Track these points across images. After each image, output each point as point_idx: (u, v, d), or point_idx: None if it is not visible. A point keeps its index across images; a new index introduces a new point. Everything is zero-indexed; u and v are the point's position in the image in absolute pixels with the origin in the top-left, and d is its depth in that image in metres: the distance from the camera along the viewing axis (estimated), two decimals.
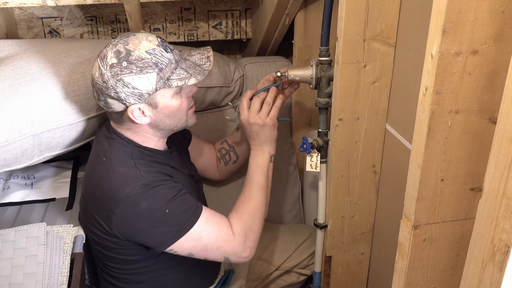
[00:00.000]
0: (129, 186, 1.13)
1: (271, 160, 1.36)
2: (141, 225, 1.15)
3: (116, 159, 1.18)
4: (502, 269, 0.67)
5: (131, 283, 1.29)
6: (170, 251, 1.18)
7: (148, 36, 1.14)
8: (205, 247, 1.20)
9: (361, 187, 1.34)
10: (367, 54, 1.16)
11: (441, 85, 0.79)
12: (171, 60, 1.14)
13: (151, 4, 1.84)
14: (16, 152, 1.24)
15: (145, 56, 1.11)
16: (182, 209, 1.17)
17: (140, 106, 1.14)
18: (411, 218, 0.91)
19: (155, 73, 1.11)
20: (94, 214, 1.19)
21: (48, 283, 1.13)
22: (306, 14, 1.65)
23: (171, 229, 1.15)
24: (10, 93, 1.24)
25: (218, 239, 1.20)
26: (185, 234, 1.16)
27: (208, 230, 1.19)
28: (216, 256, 1.23)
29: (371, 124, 1.26)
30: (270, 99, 1.32)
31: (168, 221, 1.15)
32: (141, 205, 1.13)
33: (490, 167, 0.68)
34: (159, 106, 1.16)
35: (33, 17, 1.82)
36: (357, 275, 1.50)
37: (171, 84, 1.14)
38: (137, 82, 1.11)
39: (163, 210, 1.14)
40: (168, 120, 1.20)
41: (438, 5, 0.75)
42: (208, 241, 1.19)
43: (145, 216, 1.14)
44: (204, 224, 1.19)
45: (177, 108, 1.19)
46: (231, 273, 1.51)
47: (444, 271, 0.98)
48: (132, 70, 1.10)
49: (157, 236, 1.16)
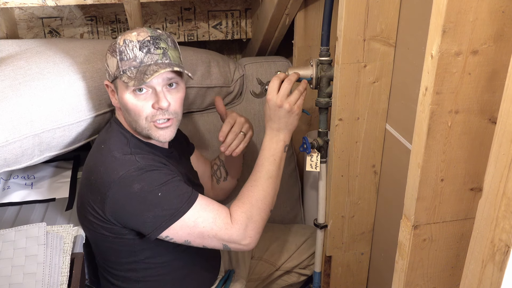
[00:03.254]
0: (124, 169, 1.14)
1: (285, 150, 1.30)
2: (134, 209, 1.14)
3: (114, 146, 1.21)
4: (502, 269, 0.67)
5: (130, 281, 1.29)
6: (166, 238, 1.16)
7: (141, 32, 1.18)
8: (201, 234, 1.17)
9: (361, 187, 1.34)
10: (367, 54, 1.16)
11: (441, 85, 0.79)
12: (136, 57, 1.15)
13: (151, 4, 1.84)
14: (16, 152, 1.24)
15: (119, 42, 1.17)
16: (176, 194, 1.15)
17: (110, 85, 1.22)
18: (411, 218, 0.91)
19: (116, 60, 1.16)
20: (90, 200, 1.19)
21: (48, 283, 1.13)
22: (306, 14, 1.65)
23: (164, 213, 1.14)
24: (10, 93, 1.24)
25: (214, 226, 1.17)
26: (179, 219, 1.14)
27: (204, 217, 1.17)
28: (214, 244, 1.20)
29: (371, 124, 1.26)
30: (302, 88, 1.29)
31: (162, 205, 1.14)
32: (134, 187, 1.13)
33: (490, 167, 0.68)
34: (118, 93, 1.21)
35: (33, 17, 1.82)
36: (357, 275, 1.50)
37: (121, 77, 1.16)
38: (109, 61, 1.19)
39: (156, 193, 1.13)
40: (127, 114, 1.21)
41: (438, 5, 0.75)
42: (204, 228, 1.16)
43: (137, 199, 1.13)
44: (199, 211, 1.16)
45: (131, 107, 1.17)
46: (232, 273, 1.51)
47: (444, 271, 0.98)
48: (109, 49, 1.20)
49: (150, 220, 1.14)
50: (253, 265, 1.63)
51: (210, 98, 1.67)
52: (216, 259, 1.48)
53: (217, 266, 1.47)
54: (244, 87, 1.75)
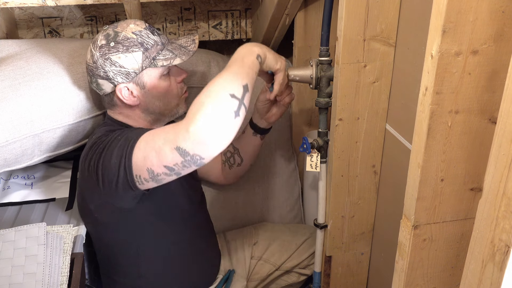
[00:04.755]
0: (99, 133, 1.18)
1: (258, 58, 1.10)
2: (104, 157, 1.10)
3: (103, 131, 1.21)
4: (502, 269, 0.67)
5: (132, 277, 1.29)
6: (138, 179, 1.06)
7: (136, 21, 1.20)
8: (154, 145, 1.01)
9: (361, 187, 1.34)
10: (367, 54, 1.16)
11: (441, 85, 0.79)
12: (157, 41, 1.19)
13: (151, 4, 1.84)
14: (16, 152, 1.24)
15: (131, 36, 1.16)
16: (132, 131, 1.11)
17: (128, 86, 1.19)
18: (411, 218, 0.91)
19: (141, 52, 1.16)
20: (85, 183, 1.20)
21: (48, 283, 1.13)
22: (306, 14, 1.65)
23: (123, 146, 1.06)
24: (10, 93, 1.24)
25: (161, 132, 1.02)
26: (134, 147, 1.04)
27: (154, 135, 1.03)
28: (167, 151, 0.98)
29: (371, 124, 1.26)
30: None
31: (120, 141, 1.09)
32: (100, 138, 1.15)
33: (490, 167, 0.68)
34: (146, 86, 1.19)
35: (33, 17, 1.82)
36: (357, 275, 1.50)
37: (156, 63, 1.17)
38: (123, 61, 1.16)
39: (115, 136, 1.11)
40: (157, 102, 1.22)
41: (438, 5, 0.75)
42: (153, 139, 1.02)
43: (102, 146, 1.12)
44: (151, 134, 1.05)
45: (165, 89, 1.22)
46: (232, 273, 1.51)
47: (444, 271, 0.98)
48: (118, 49, 1.15)
49: (116, 165, 1.06)
50: (253, 264, 1.63)
51: None
52: (216, 256, 1.48)
53: (217, 263, 1.48)
54: None
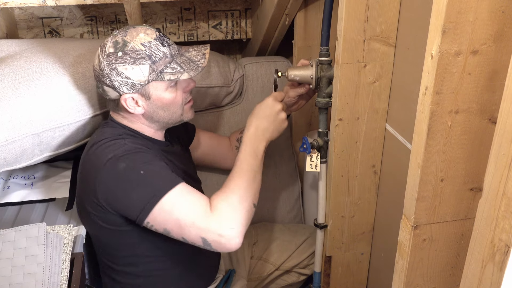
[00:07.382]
0: (112, 152, 1.15)
1: (264, 151, 1.28)
2: (120, 188, 1.13)
3: (106, 134, 1.22)
4: (502, 269, 0.67)
5: (131, 276, 1.29)
6: (148, 224, 1.13)
7: (147, 30, 1.19)
8: (178, 221, 1.10)
9: (361, 187, 1.34)
10: (367, 54, 1.16)
11: (441, 85, 0.79)
12: (166, 54, 1.18)
13: (151, 4, 1.84)
14: (16, 152, 1.24)
15: (139, 48, 1.15)
16: (158, 174, 1.14)
17: (134, 96, 1.19)
18: (411, 218, 0.91)
19: (148, 65, 1.15)
20: (86, 190, 1.19)
21: (48, 283, 1.13)
22: (306, 14, 1.65)
23: (146, 193, 1.11)
24: (10, 93, 1.24)
25: (192, 213, 1.11)
26: (158, 202, 1.10)
27: (182, 203, 1.12)
28: (192, 235, 1.11)
29: (371, 124, 1.26)
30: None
31: (144, 183, 1.11)
32: (119, 167, 1.13)
33: (490, 167, 0.68)
34: (152, 97, 1.20)
35: (33, 17, 1.82)
36: (357, 275, 1.50)
37: (163, 77, 1.17)
38: (130, 72, 1.15)
39: (138, 171, 1.12)
40: (161, 112, 1.23)
41: (438, 5, 0.75)
42: (179, 214, 1.10)
43: (122, 178, 1.13)
44: (178, 196, 1.12)
45: (170, 101, 1.21)
46: (233, 273, 1.51)
47: (444, 271, 0.98)
48: (126, 60, 1.15)
49: (134, 201, 1.11)
50: (253, 264, 1.63)
51: (210, 98, 1.67)
52: (216, 256, 1.48)
53: (216, 264, 1.47)
54: (244, 87, 1.75)
